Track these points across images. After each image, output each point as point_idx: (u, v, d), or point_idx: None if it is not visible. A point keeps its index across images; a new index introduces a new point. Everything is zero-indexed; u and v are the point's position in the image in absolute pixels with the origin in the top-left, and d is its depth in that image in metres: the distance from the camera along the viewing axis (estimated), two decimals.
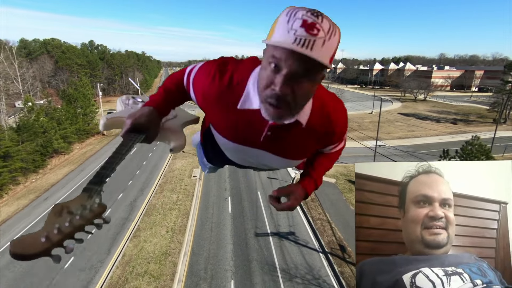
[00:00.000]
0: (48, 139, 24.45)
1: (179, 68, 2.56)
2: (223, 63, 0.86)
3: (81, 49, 64.43)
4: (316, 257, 11.96)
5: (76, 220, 0.53)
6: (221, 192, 18.27)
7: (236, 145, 0.93)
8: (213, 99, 0.86)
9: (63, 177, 21.86)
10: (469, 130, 34.24)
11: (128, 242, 13.11)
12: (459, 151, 15.59)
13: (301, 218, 14.93)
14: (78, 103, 33.04)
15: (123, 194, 17.70)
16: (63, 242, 0.51)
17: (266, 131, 0.83)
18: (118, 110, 1.26)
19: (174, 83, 1.00)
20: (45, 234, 0.49)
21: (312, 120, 0.82)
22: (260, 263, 11.70)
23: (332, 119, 0.86)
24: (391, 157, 22.55)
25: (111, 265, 11.65)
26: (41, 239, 0.49)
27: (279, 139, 0.86)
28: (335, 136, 0.92)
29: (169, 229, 14.21)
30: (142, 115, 0.89)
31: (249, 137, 0.89)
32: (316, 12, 0.63)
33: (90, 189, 0.63)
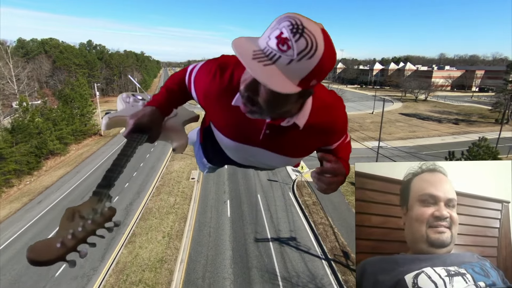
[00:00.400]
0: (43, 140, 23.88)
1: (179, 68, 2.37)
2: (224, 62, 0.86)
3: (79, 49, 63.87)
4: (319, 264, 11.46)
5: (89, 225, 0.55)
6: (220, 194, 17.76)
7: (236, 143, 0.94)
8: (214, 97, 0.87)
9: (58, 179, 21.33)
10: (471, 130, 33.90)
11: (122, 249, 12.59)
12: (465, 152, 15.14)
13: (302, 223, 14.43)
14: (75, 104, 32.48)
15: (119, 197, 17.18)
16: (77, 246, 0.52)
17: (265, 129, 0.83)
18: (119, 108, 1.23)
19: (175, 83, 1.00)
20: (60, 240, 0.51)
21: (311, 120, 0.81)
22: (260, 271, 11.20)
23: (331, 118, 0.86)
24: (394, 158, 22.09)
25: (104, 273, 11.11)
26: (57, 245, 0.50)
27: (278, 137, 0.86)
28: (336, 135, 0.92)
29: (166, 234, 13.70)
30: (144, 115, 0.88)
31: (249, 135, 0.89)
32: (298, 29, 0.57)
33: (99, 193, 0.63)
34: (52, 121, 27.38)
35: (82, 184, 20.04)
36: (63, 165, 24.96)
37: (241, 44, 0.61)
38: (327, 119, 0.85)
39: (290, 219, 14.81)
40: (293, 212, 15.48)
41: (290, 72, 0.59)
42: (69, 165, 24.50)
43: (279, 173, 20.26)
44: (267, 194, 17.63)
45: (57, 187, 19.94)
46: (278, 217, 15.01)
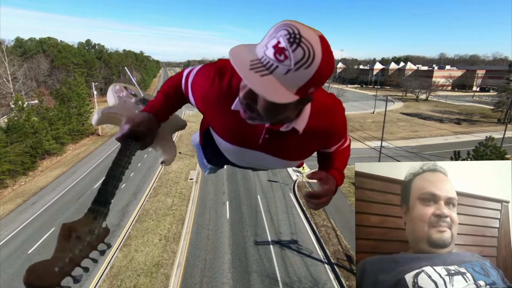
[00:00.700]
0: (38, 140, 23.39)
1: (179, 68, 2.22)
2: (222, 66, 0.85)
3: (78, 48, 63.27)
4: (321, 269, 11.01)
5: (85, 247, 0.56)
6: (219, 196, 17.31)
7: (236, 147, 0.93)
8: (213, 103, 0.86)
9: (53, 180, 20.86)
10: (474, 130, 33.49)
11: (117, 252, 12.13)
12: (471, 152, 14.69)
13: (303, 225, 13.98)
14: (72, 103, 31.98)
15: (115, 199, 16.21)
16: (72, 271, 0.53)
17: (264, 134, 0.83)
18: (109, 100, 1.17)
19: (172, 87, 0.99)
20: (58, 264, 0.52)
21: (310, 124, 0.81)
22: (261, 276, 10.75)
23: (330, 122, 0.86)
24: (397, 158, 21.64)
25: (98, 278, 10.65)
26: (55, 269, 0.51)
27: (278, 141, 0.86)
28: (335, 138, 0.92)
29: (163, 237, 13.24)
30: (141, 122, 0.87)
31: (248, 139, 0.88)
32: (295, 39, 0.56)
33: (95, 210, 0.62)
34: (48, 121, 26.89)
35: (78, 185, 19.57)
36: (59, 165, 24.48)
37: (238, 54, 0.61)
38: (326, 122, 0.84)
39: (291, 221, 14.37)
40: (294, 213, 15.03)
41: (288, 81, 0.58)
42: (66, 165, 24.02)
43: (279, 173, 19.81)
44: (267, 195, 17.18)
45: (52, 188, 19.46)
46: (278, 219, 14.56)
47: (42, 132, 24.54)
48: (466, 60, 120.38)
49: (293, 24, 0.58)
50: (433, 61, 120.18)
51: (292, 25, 0.57)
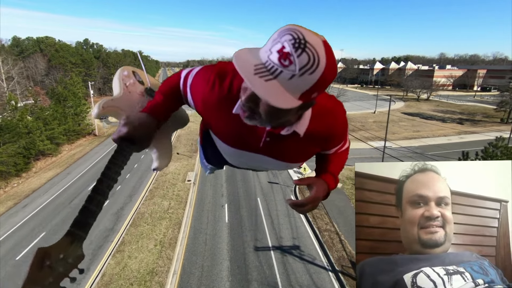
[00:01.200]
0: (31, 140, 22.73)
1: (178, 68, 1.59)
2: (222, 70, 0.84)
3: (76, 47, 62.58)
4: (325, 277, 10.40)
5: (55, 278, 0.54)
6: (217, 198, 16.69)
7: (236, 149, 0.93)
8: (213, 106, 0.85)
9: (46, 182, 20.21)
10: (477, 130, 32.96)
11: (110, 259, 11.50)
12: (479, 153, 14.09)
13: (306, 229, 13.37)
14: (68, 102, 31.33)
15: (110, 201, 16.07)
16: None
17: (265, 137, 0.83)
18: (115, 88, 1.10)
19: (170, 88, 0.98)
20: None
21: (311, 127, 0.81)
22: (261, 284, 10.14)
23: (331, 124, 0.86)
24: (401, 159, 21.04)
25: (88, 287, 10.04)
26: None
27: (279, 144, 0.86)
28: (335, 140, 0.92)
29: (158, 242, 12.61)
30: (141, 126, 0.86)
31: (249, 142, 0.88)
32: (300, 44, 0.56)
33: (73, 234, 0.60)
34: (43, 121, 26.22)
35: (72, 187, 18.94)
36: (54, 166, 23.84)
37: (243, 58, 0.60)
38: (327, 125, 0.84)
39: (292, 225, 13.76)
40: (295, 217, 14.41)
41: (292, 86, 0.58)
42: (60, 166, 23.38)
43: (279, 175, 19.19)
44: (267, 197, 16.57)
45: (44, 190, 18.81)
46: (279, 223, 13.95)
47: (36, 132, 23.89)
48: (466, 60, 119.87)
49: (297, 28, 0.57)
50: (433, 61, 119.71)
51: (296, 30, 0.57)
